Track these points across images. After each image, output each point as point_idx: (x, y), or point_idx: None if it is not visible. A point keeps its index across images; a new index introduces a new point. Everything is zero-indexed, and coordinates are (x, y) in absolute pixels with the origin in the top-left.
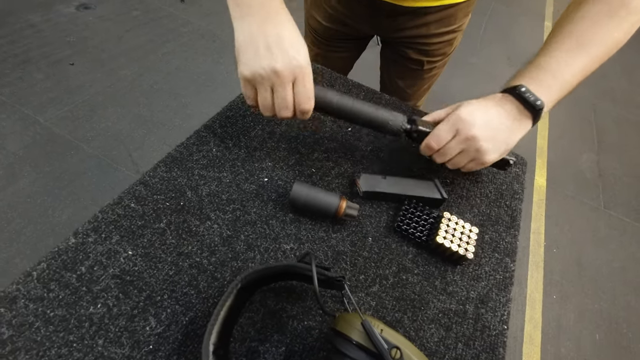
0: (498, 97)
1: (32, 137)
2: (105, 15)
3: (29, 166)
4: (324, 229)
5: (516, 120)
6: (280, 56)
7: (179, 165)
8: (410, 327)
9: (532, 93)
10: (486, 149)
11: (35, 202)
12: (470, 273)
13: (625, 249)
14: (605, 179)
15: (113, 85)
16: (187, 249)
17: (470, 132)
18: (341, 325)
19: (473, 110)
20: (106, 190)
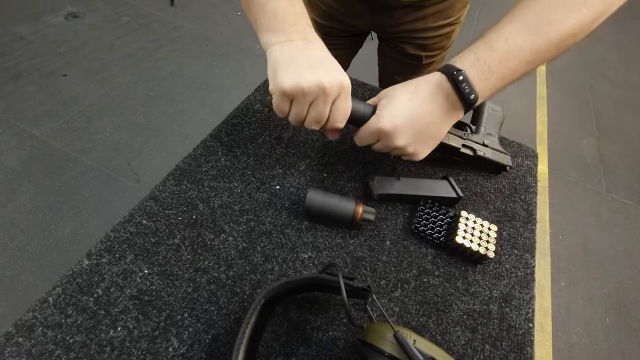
0: (433, 84)
1: (29, 152)
2: (95, 24)
3: (28, 181)
4: (341, 235)
5: (447, 112)
6: (326, 73)
7: (188, 177)
8: (436, 331)
9: (470, 84)
10: (413, 152)
11: (37, 218)
12: (491, 272)
13: (629, 232)
14: (606, 163)
15: (107, 95)
16: (204, 264)
17: (394, 143)
18: (371, 337)
19: (396, 114)
20: (108, 202)
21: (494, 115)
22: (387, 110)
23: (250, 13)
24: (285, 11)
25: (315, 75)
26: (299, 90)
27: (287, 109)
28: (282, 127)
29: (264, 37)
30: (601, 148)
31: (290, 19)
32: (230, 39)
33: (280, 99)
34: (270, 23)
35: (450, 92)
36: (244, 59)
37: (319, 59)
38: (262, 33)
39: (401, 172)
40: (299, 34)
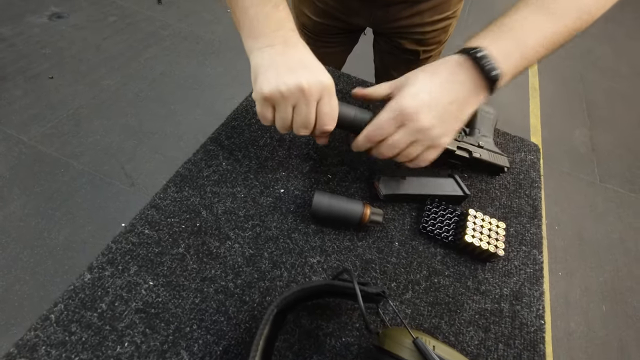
0: (452, 64)
1: (17, 158)
2: (80, 24)
3: (18, 188)
4: (349, 237)
5: (470, 92)
6: (305, 74)
7: (189, 183)
8: (449, 332)
9: (490, 61)
10: (438, 135)
11: (29, 225)
12: (500, 269)
13: (623, 220)
14: (599, 153)
15: (97, 97)
16: (211, 273)
17: (419, 123)
18: (388, 344)
19: (418, 91)
20: (102, 207)
21: (487, 117)
22: (407, 90)
23: (235, 16)
24: (268, 17)
25: (294, 77)
26: (278, 94)
27: (271, 116)
28: None
29: (246, 43)
30: (593, 138)
31: (273, 25)
32: (221, 37)
33: (262, 105)
34: (252, 28)
35: (472, 71)
36: (235, 57)
37: (299, 60)
38: (245, 38)
39: (405, 170)
40: (281, 38)
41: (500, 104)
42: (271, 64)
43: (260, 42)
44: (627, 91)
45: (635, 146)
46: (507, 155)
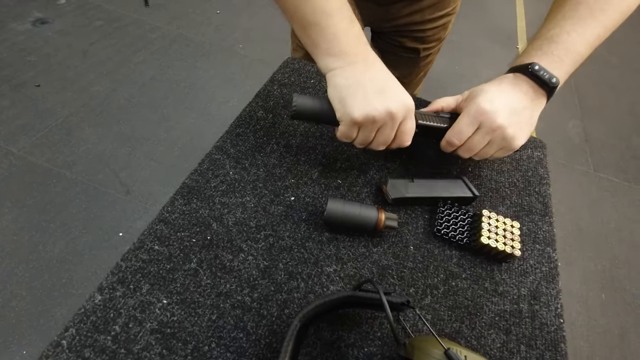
0: (510, 78)
1: (7, 170)
2: (65, 29)
3: (9, 201)
4: (364, 244)
5: (534, 100)
6: (392, 98)
7: (197, 195)
8: (470, 336)
9: (547, 70)
10: (514, 135)
11: (23, 239)
12: (516, 269)
13: (618, 209)
14: (592, 143)
15: (86, 104)
16: (226, 287)
17: (496, 122)
18: (417, 356)
19: (492, 98)
20: (98, 217)
21: None
22: (482, 97)
23: (307, 36)
24: (347, 34)
25: (384, 102)
26: (369, 119)
27: (355, 136)
28: (289, 133)
29: (324, 61)
30: (586, 129)
31: (352, 42)
32: (212, 39)
33: (350, 127)
34: (331, 47)
35: (530, 82)
36: (227, 59)
37: (383, 82)
38: (322, 56)
39: (412, 171)
40: (361, 55)
41: None
42: (357, 86)
43: (341, 60)
44: (617, 82)
45: (627, 135)
46: None
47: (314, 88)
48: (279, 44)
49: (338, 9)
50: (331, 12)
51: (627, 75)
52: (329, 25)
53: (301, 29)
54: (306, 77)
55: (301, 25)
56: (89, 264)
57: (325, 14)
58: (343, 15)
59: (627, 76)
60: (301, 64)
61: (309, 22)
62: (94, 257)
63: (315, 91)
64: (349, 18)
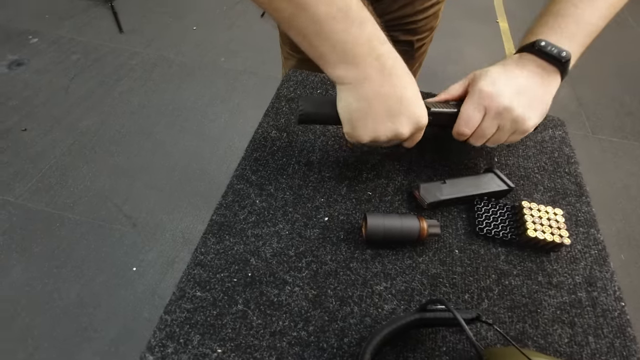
0: (515, 59)
1: (7, 220)
2: (43, 68)
3: (16, 252)
4: (408, 255)
5: (544, 78)
6: (405, 120)
7: (228, 230)
8: (536, 336)
9: (554, 45)
10: (524, 116)
11: (36, 289)
12: (565, 257)
13: (621, 168)
14: (586, 107)
15: (77, 141)
16: (278, 325)
17: (501, 104)
18: None
19: (495, 79)
20: (108, 254)
21: None
22: (484, 79)
23: (310, 46)
24: (357, 41)
25: (393, 126)
26: (377, 142)
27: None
28: (308, 150)
29: (334, 72)
30: (578, 94)
31: (365, 50)
32: (192, 56)
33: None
34: (342, 57)
35: (538, 61)
36: (212, 74)
37: (397, 100)
38: (330, 67)
39: (443, 172)
40: (375, 65)
41: None
42: (368, 109)
43: (353, 70)
44: (598, 44)
45: (618, 95)
46: None
47: None
48: (261, 52)
49: (344, 11)
50: (337, 17)
51: (609, 37)
52: (336, 33)
53: (302, 39)
54: (312, 89)
55: (302, 36)
56: (107, 303)
57: (329, 21)
58: (351, 18)
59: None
60: (304, 75)
61: (312, 32)
62: (111, 296)
63: None
64: (359, 20)
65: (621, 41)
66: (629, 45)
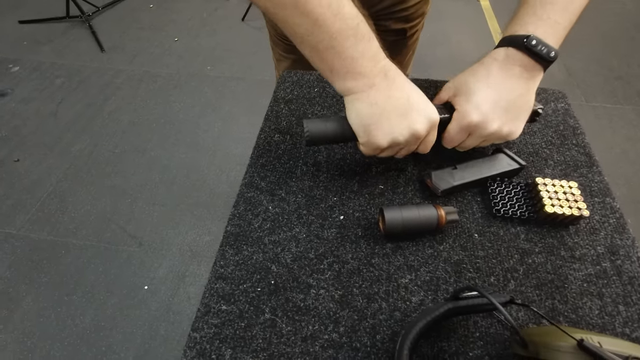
0: (501, 60)
1: (12, 253)
2: (28, 96)
3: (24, 284)
4: (428, 244)
5: (529, 81)
6: (418, 117)
7: (244, 240)
8: (567, 311)
9: (544, 44)
10: (510, 132)
11: (50, 319)
12: (584, 229)
13: (618, 132)
14: (576, 75)
15: (72, 166)
16: (309, 330)
17: (487, 130)
18: (544, 353)
19: (480, 102)
20: (117, 276)
21: None
22: (469, 104)
23: (322, 60)
24: (365, 55)
25: (409, 124)
26: (395, 143)
27: (379, 154)
28: (314, 150)
29: (342, 84)
30: (566, 64)
31: (371, 62)
32: (178, 68)
33: (374, 151)
34: (351, 70)
35: (525, 60)
36: (199, 84)
37: (406, 101)
38: (340, 79)
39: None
40: (381, 74)
41: (471, 56)
42: (381, 113)
43: (360, 81)
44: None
45: (605, 60)
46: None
47: (320, 97)
48: (247, 57)
49: (354, 28)
50: (348, 33)
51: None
52: (347, 48)
53: (314, 53)
54: (308, 88)
55: (314, 50)
56: (123, 325)
57: (342, 37)
58: (361, 34)
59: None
60: (299, 75)
61: (325, 47)
62: (126, 318)
63: (322, 99)
64: (367, 36)
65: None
66: (609, 7)
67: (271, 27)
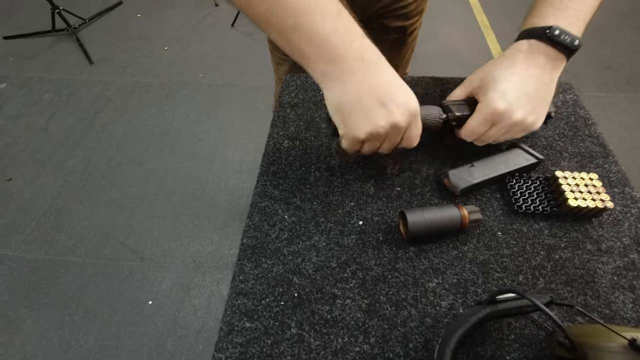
0: (524, 53)
1: (9, 275)
2: (17, 112)
3: (24, 307)
4: (452, 246)
5: (552, 71)
6: (397, 108)
7: (262, 252)
8: (599, 306)
9: (567, 33)
10: (533, 122)
11: (52, 341)
12: (608, 221)
13: (613, 121)
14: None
15: (66, 182)
16: (338, 342)
17: (512, 119)
18: (593, 355)
19: (505, 91)
20: (120, 293)
21: None
22: (494, 92)
23: (289, 43)
24: (336, 32)
25: (387, 115)
26: (374, 136)
27: (359, 147)
28: (325, 155)
29: (315, 69)
30: None
31: (344, 41)
32: (169, 77)
33: (354, 144)
34: (323, 51)
35: (548, 50)
36: (192, 92)
37: (384, 89)
38: (312, 65)
39: (466, 155)
40: (357, 57)
41: (460, 49)
42: (358, 103)
43: (335, 66)
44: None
45: (595, 49)
46: None
47: None
48: (239, 63)
49: (318, 1)
50: (311, 8)
51: None
52: (313, 25)
53: (280, 37)
54: (314, 91)
55: (279, 33)
56: (128, 343)
57: (305, 13)
58: (327, 8)
59: None
60: (302, 78)
61: (289, 26)
62: (131, 335)
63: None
64: (336, 11)
65: None
66: None
67: None
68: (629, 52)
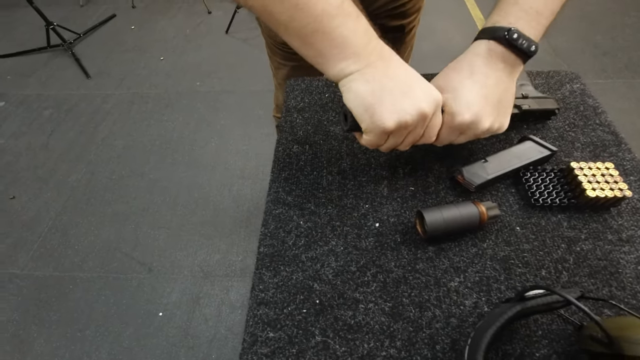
0: (483, 55)
1: (18, 293)
2: (17, 131)
3: (34, 325)
4: (471, 243)
5: (511, 74)
6: (421, 96)
7: (280, 260)
8: (626, 297)
9: (525, 37)
10: (498, 127)
11: (64, 358)
12: (626, 210)
13: (613, 107)
14: (563, 55)
15: (70, 197)
16: (364, 348)
17: (479, 129)
18: (628, 348)
19: (469, 102)
20: (130, 306)
21: None
22: (458, 104)
23: (309, 46)
24: (356, 33)
25: (414, 103)
26: (403, 125)
27: (384, 142)
28: (336, 158)
29: (335, 68)
30: (551, 44)
31: (363, 40)
32: (167, 87)
33: (380, 136)
34: (343, 50)
35: (506, 54)
36: (191, 101)
37: (407, 79)
38: (332, 64)
39: (477, 151)
40: (375, 53)
41: (456, 44)
42: (382, 90)
43: (357, 62)
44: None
45: (590, 36)
46: (553, 97)
47: (332, 102)
48: (234, 69)
49: (339, 6)
50: (333, 12)
51: None
52: (335, 28)
53: (300, 40)
54: (319, 94)
55: (300, 36)
56: (141, 356)
57: (327, 17)
58: (347, 12)
59: None
60: (307, 82)
61: (310, 30)
62: (143, 348)
63: (335, 104)
64: (354, 13)
65: None
66: None
67: (267, 36)
68: (621, 35)
